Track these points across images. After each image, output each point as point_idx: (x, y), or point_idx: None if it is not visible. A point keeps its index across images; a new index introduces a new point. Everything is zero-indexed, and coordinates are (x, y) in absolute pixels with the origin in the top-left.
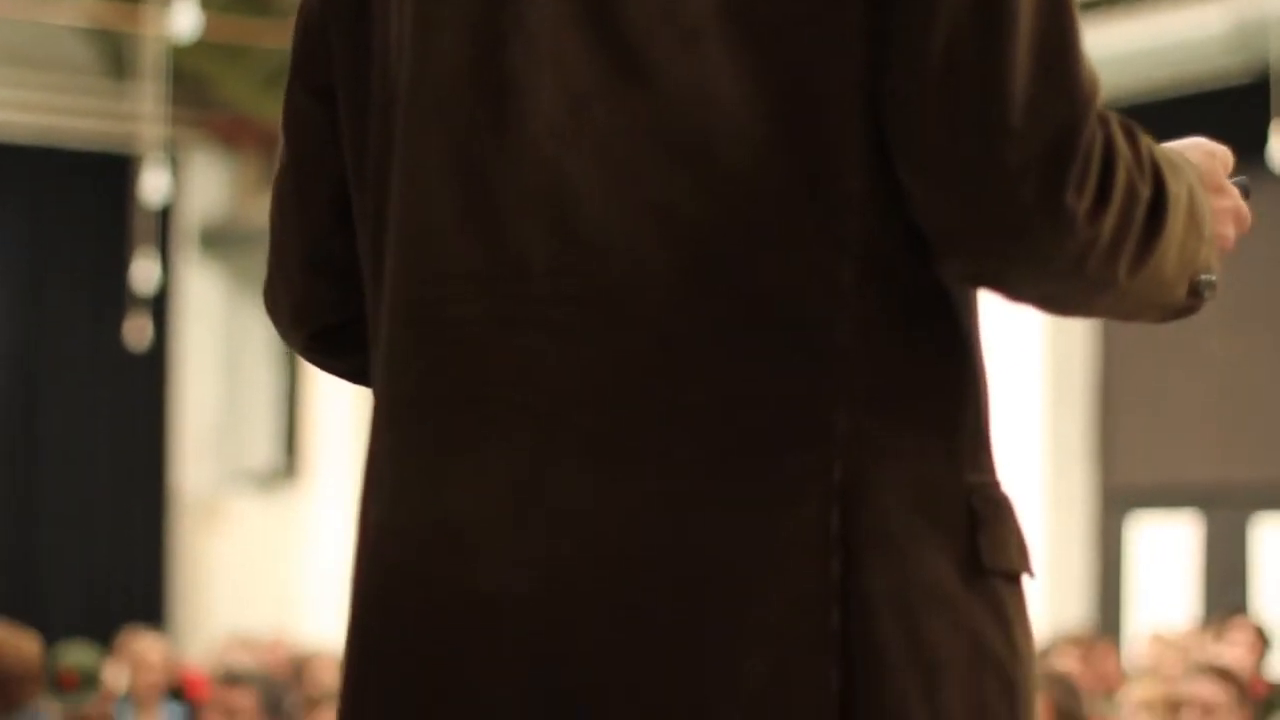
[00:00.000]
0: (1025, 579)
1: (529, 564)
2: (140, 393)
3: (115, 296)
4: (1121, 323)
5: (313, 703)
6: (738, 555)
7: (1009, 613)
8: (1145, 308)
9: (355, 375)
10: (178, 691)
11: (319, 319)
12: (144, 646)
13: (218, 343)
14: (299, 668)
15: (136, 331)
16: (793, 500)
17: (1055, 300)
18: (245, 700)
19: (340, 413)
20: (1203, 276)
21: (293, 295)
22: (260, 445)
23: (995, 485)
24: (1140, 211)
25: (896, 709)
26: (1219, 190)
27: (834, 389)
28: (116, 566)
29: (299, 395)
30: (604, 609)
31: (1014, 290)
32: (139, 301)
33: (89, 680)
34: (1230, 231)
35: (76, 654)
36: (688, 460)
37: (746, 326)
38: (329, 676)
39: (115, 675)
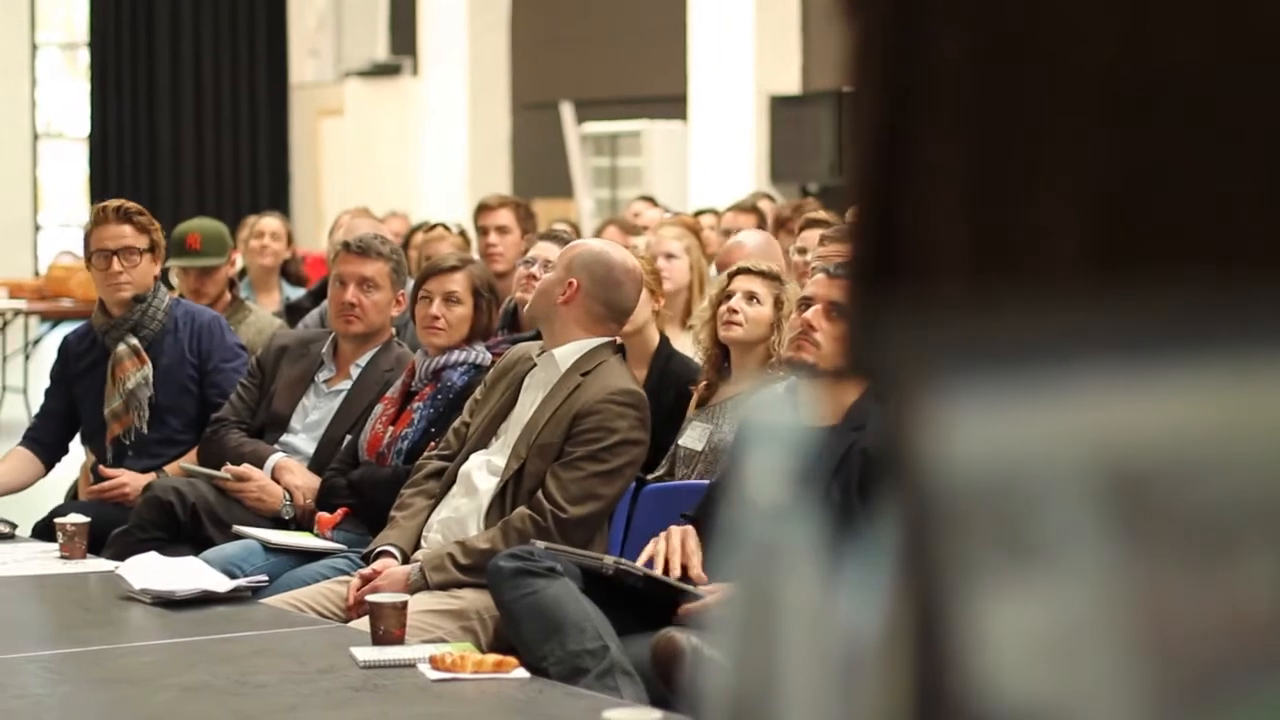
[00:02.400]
0: None
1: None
2: None
3: None
4: None
5: (433, 270)
6: None
7: None
8: None
9: None
10: (297, 273)
11: None
12: (264, 226)
13: None
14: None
15: None
16: None
17: None
18: (379, 268)
19: (453, 4)
20: None
21: None
22: (374, 37)
23: None
24: None
25: None
26: None
27: None
28: (235, 158)
29: None
30: None
31: None
32: None
33: (216, 245)
34: None
35: (202, 223)
36: None
37: None
38: (446, 247)
39: (235, 257)
